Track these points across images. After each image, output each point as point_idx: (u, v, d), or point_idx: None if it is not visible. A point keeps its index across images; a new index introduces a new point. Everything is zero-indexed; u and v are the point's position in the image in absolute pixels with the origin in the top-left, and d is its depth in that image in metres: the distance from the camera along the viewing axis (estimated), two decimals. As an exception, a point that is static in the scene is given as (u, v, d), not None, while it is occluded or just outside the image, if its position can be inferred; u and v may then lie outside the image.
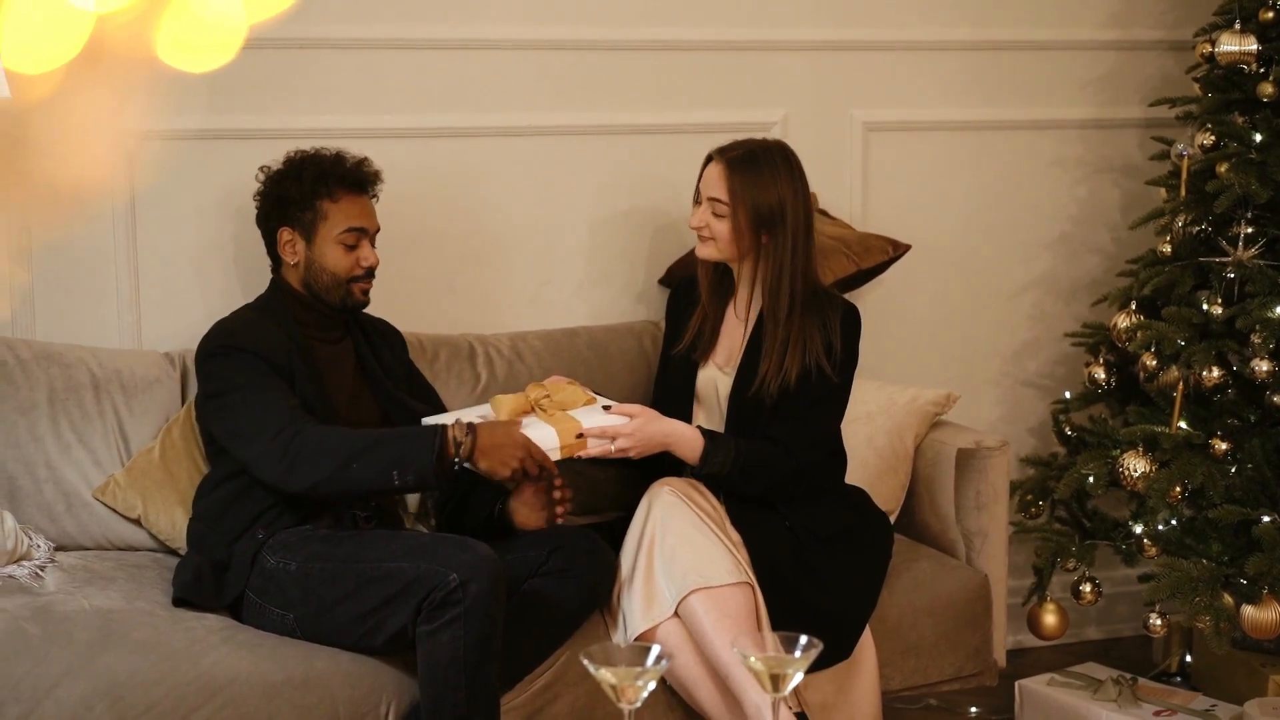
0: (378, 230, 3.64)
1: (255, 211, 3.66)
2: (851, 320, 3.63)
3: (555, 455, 3.35)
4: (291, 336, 3.54)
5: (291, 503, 3.42)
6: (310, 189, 3.55)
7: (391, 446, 3.28)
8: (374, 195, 3.67)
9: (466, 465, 3.30)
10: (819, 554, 3.55)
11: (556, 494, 3.51)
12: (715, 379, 3.70)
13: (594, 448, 3.43)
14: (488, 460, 3.29)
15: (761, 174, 3.57)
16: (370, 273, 3.60)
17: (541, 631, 3.39)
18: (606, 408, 3.51)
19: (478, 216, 4.28)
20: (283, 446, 3.29)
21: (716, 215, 3.59)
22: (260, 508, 3.42)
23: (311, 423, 3.36)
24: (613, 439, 3.43)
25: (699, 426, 3.58)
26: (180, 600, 3.37)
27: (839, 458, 3.72)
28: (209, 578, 3.39)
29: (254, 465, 3.36)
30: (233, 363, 3.45)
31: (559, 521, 3.52)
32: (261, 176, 3.64)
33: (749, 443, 3.55)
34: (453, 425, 3.30)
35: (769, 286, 3.59)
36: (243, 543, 3.40)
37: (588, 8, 4.31)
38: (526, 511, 3.53)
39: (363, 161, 3.63)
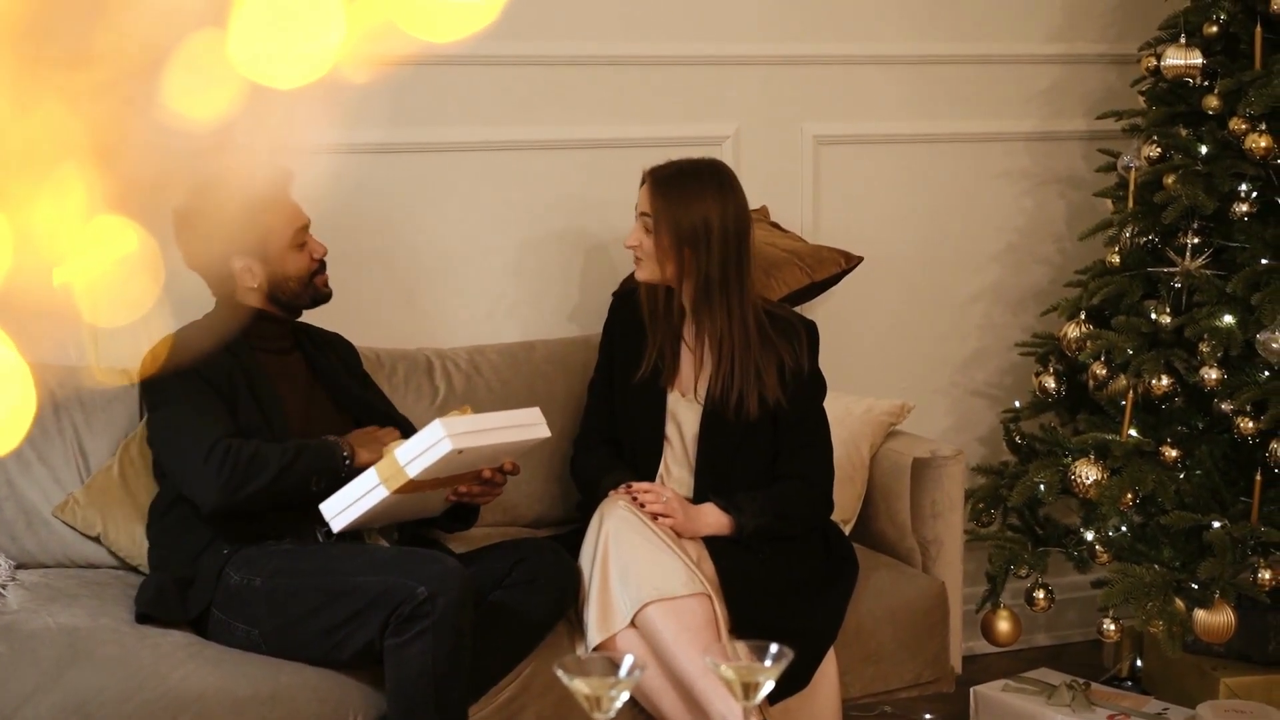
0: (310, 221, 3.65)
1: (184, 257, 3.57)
2: (815, 339, 3.72)
3: (383, 491, 3.32)
4: (236, 353, 3.53)
5: (249, 519, 3.42)
6: (248, 210, 3.54)
7: (309, 458, 3.39)
8: None
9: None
10: (790, 582, 3.61)
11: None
12: (679, 407, 3.73)
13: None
14: (366, 450, 3.46)
15: (686, 190, 3.60)
16: (323, 263, 3.63)
17: (508, 643, 3.40)
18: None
19: (431, 232, 4.29)
20: (219, 461, 3.31)
21: (647, 231, 3.63)
22: (221, 522, 3.42)
23: (239, 440, 3.38)
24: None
25: (714, 501, 3.62)
26: (143, 616, 3.36)
27: None
28: (172, 593, 3.38)
29: (190, 483, 3.38)
30: (171, 381, 3.45)
31: (451, 499, 3.51)
32: (175, 219, 3.46)
33: (768, 493, 3.63)
34: (341, 441, 3.47)
35: (701, 304, 3.63)
36: (207, 557, 3.39)
37: (537, 23, 4.32)
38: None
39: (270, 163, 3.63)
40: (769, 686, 2.45)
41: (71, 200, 0.99)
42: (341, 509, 3.33)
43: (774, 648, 2.42)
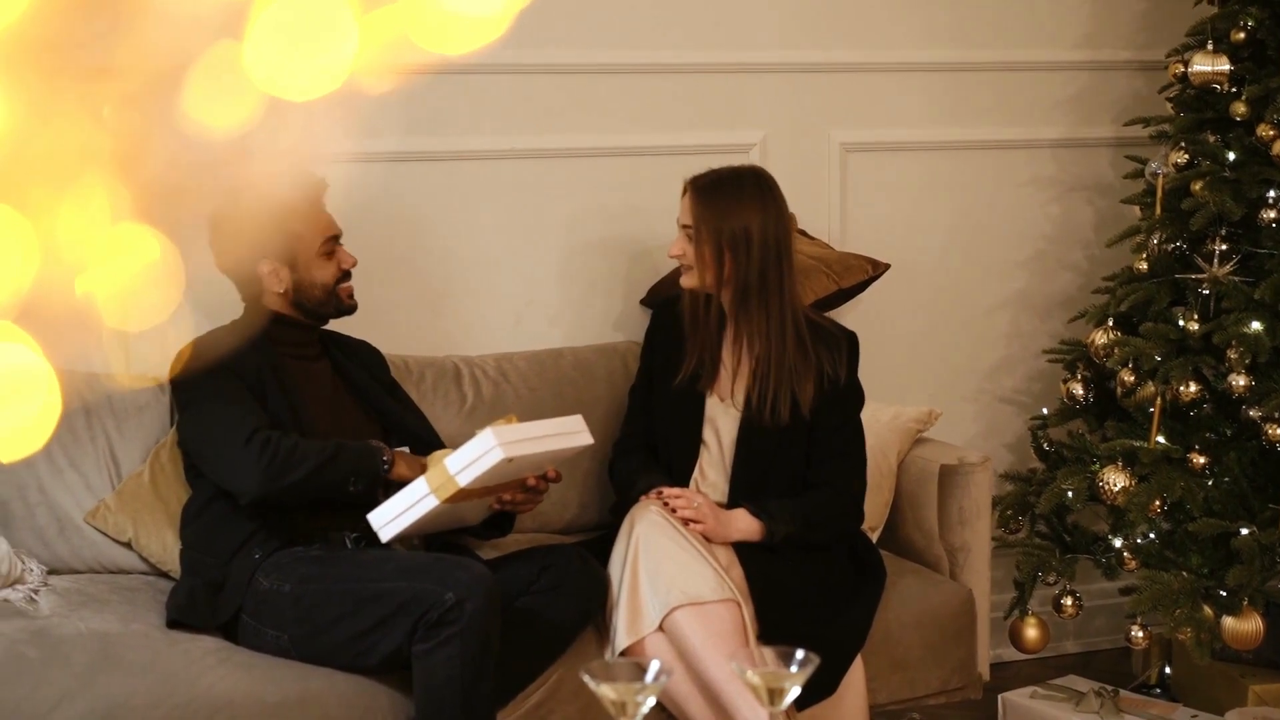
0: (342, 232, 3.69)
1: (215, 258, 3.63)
2: (855, 351, 3.73)
3: (433, 500, 3.32)
4: (265, 354, 3.56)
5: (281, 521, 3.44)
6: (279, 215, 3.56)
7: (348, 455, 3.41)
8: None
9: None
10: (819, 589, 3.61)
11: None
12: (716, 412, 3.75)
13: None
14: (406, 464, 3.47)
15: (726, 199, 3.62)
16: (349, 274, 3.65)
17: (534, 649, 3.41)
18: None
19: (460, 239, 4.30)
20: (259, 448, 3.33)
21: (689, 241, 3.65)
22: (252, 526, 3.44)
23: (278, 432, 3.40)
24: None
25: (745, 507, 3.63)
26: (174, 622, 3.39)
27: None
28: (203, 598, 3.41)
29: (231, 471, 3.40)
30: (201, 378, 3.48)
31: (495, 508, 3.53)
32: (210, 222, 3.55)
33: (799, 500, 3.64)
34: (383, 448, 3.47)
35: (739, 309, 3.64)
36: (238, 561, 3.41)
37: (566, 31, 4.34)
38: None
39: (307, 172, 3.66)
40: (794, 692, 2.45)
41: (94, 208, 1.01)
42: (390, 518, 3.34)
43: (799, 653, 2.42)
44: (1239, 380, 4.01)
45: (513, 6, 1.04)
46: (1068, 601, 4.34)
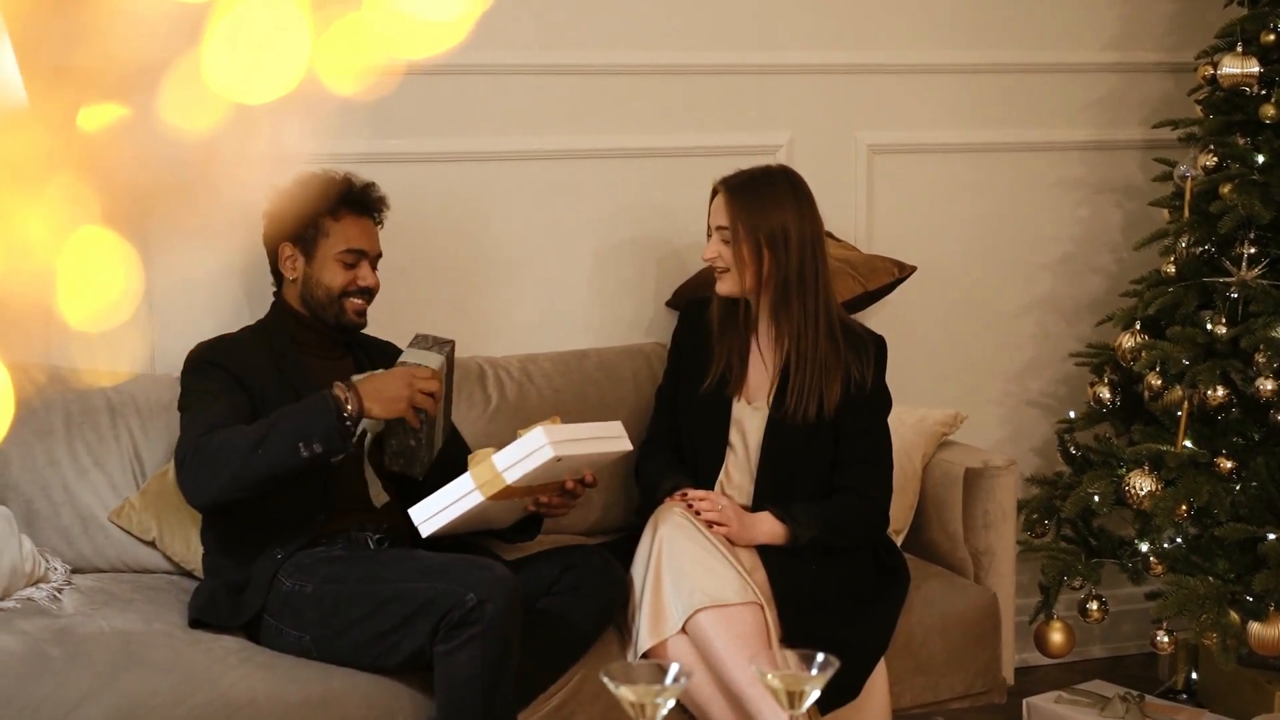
0: (379, 255, 3.67)
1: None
2: (883, 355, 3.72)
3: (477, 497, 3.30)
4: (284, 354, 3.57)
5: (304, 522, 3.44)
6: (314, 206, 3.58)
7: (289, 422, 3.26)
8: (379, 221, 3.70)
9: (359, 423, 3.33)
10: (842, 591, 3.60)
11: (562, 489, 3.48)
12: (744, 415, 3.73)
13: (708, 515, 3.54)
14: (379, 405, 3.30)
15: (762, 197, 3.61)
16: (365, 292, 3.62)
17: (555, 650, 3.41)
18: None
19: (485, 240, 4.31)
20: (191, 456, 3.31)
21: (725, 243, 3.63)
22: (274, 527, 3.44)
23: (220, 430, 3.32)
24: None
25: (770, 510, 3.62)
26: (196, 621, 3.39)
27: None
28: (224, 598, 3.42)
29: (179, 484, 3.40)
30: (197, 377, 3.51)
31: (530, 509, 3.50)
32: (271, 195, 3.67)
33: (823, 505, 3.64)
34: (335, 386, 3.29)
35: (779, 307, 3.63)
36: (260, 561, 3.42)
37: (593, 32, 4.35)
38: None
39: (369, 185, 3.66)
40: (814, 696, 2.45)
41: (57, 211, 1.01)
42: (432, 514, 3.32)
43: (820, 657, 2.42)
44: (1267, 384, 3.99)
45: (473, 11, 1.04)
46: (1093, 606, 4.33)
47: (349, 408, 3.26)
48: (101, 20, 0.97)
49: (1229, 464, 4.06)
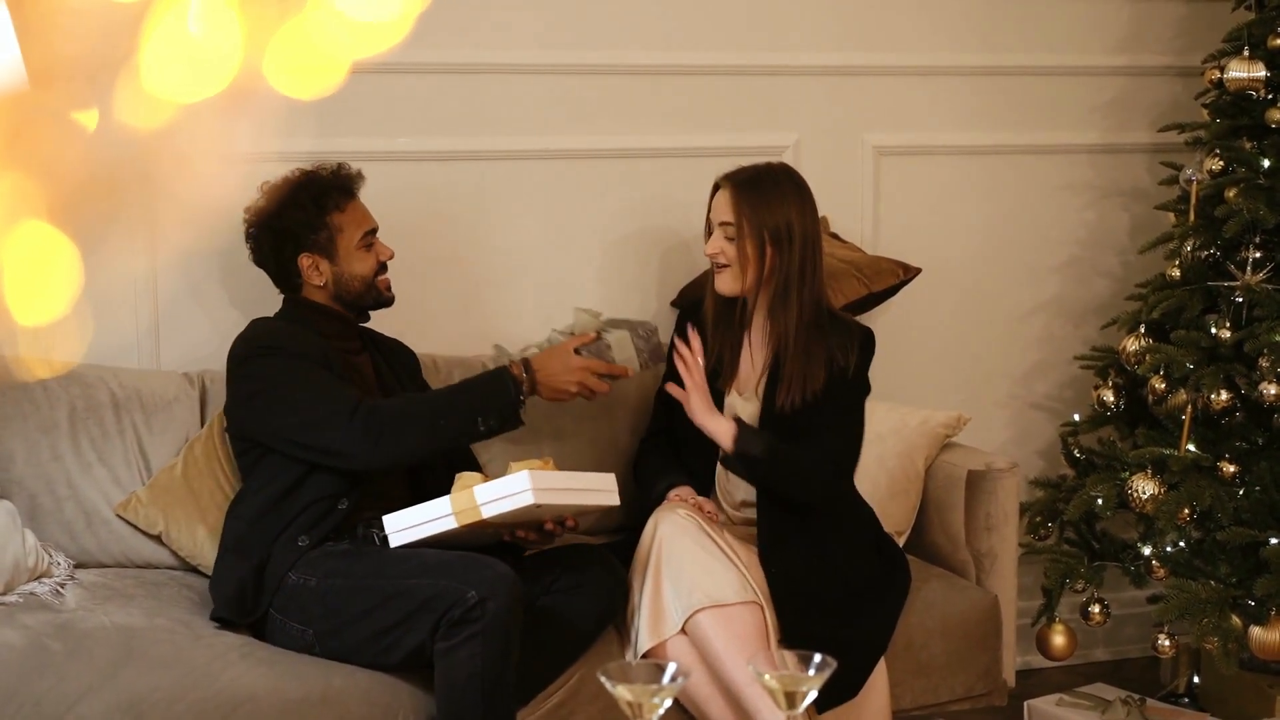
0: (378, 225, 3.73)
1: (250, 253, 3.70)
2: (869, 346, 3.69)
3: (451, 522, 3.34)
4: (320, 342, 3.59)
5: (328, 512, 3.45)
6: (316, 210, 3.60)
7: (468, 396, 3.50)
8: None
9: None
10: (842, 591, 3.59)
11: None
12: (736, 406, 3.73)
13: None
14: (550, 389, 3.58)
15: (766, 193, 3.61)
16: (386, 266, 3.70)
17: (555, 649, 3.42)
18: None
19: (492, 239, 4.31)
20: (363, 422, 3.37)
21: (729, 239, 3.63)
22: (298, 511, 3.45)
23: (380, 399, 3.49)
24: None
25: (735, 418, 3.62)
26: (218, 619, 3.41)
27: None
28: (251, 587, 3.42)
29: (337, 448, 3.40)
30: (277, 362, 3.50)
31: (506, 539, 3.50)
32: (248, 217, 3.68)
33: (787, 445, 3.59)
34: (511, 364, 3.56)
35: (777, 303, 3.63)
36: (280, 546, 3.42)
37: (601, 32, 4.35)
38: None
39: (342, 166, 3.68)
40: (811, 696, 2.45)
41: (1, 205, 1.02)
42: (404, 527, 3.35)
43: (817, 657, 2.42)
44: (1270, 389, 3.98)
45: (411, 11, 1.05)
46: (1095, 609, 4.33)
47: (525, 388, 3.53)
48: (44, 18, 0.97)
49: (1232, 468, 4.06)
